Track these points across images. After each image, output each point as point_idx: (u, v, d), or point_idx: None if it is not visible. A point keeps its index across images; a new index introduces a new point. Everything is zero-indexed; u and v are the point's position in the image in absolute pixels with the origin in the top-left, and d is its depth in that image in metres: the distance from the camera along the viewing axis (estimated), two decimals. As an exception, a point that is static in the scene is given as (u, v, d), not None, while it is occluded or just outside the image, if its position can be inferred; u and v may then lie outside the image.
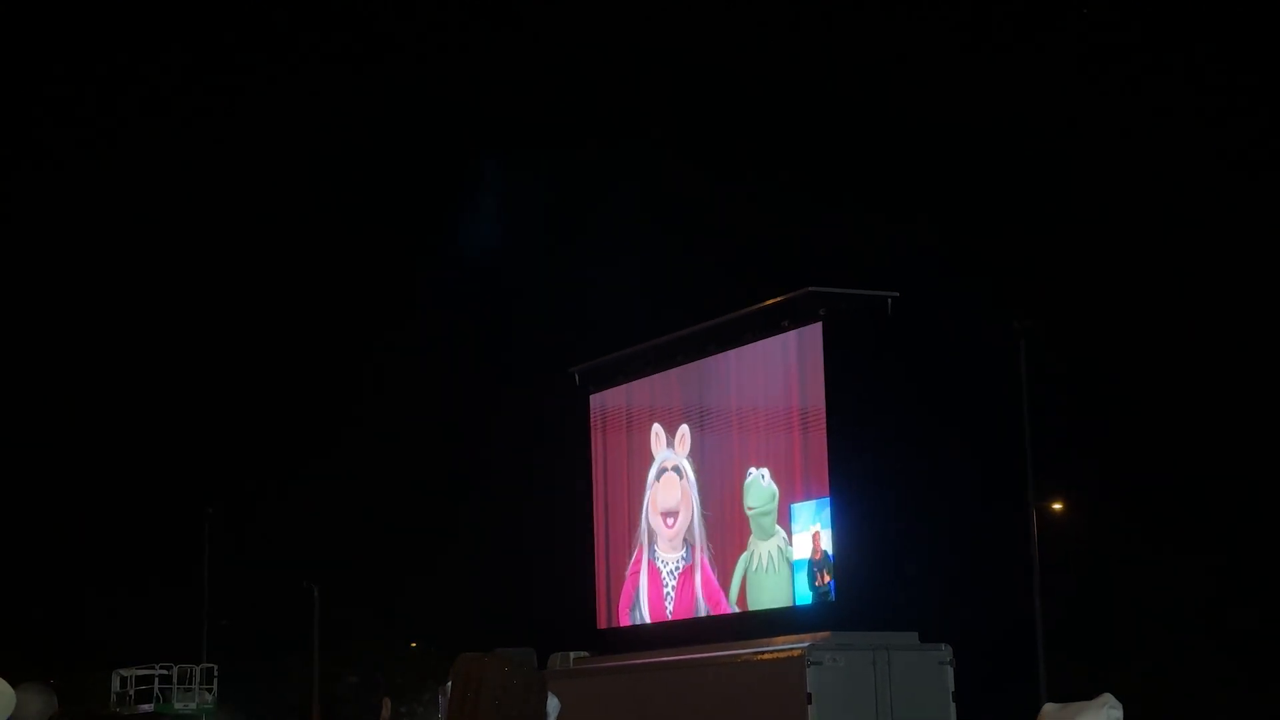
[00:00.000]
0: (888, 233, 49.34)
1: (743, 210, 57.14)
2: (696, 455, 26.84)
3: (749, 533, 25.44)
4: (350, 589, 59.90)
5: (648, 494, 27.97)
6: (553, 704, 5.12)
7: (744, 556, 25.50)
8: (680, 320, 28.42)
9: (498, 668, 4.81)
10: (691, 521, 26.82)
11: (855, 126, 58.75)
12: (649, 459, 28.00)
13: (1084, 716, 5.09)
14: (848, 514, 23.70)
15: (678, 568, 27.15)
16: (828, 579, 23.77)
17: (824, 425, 23.92)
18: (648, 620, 27.87)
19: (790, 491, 24.56)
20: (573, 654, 28.01)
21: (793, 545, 24.41)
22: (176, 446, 65.70)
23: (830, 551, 23.65)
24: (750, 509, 25.19)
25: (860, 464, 23.96)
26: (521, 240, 63.01)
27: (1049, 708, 5.21)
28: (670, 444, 27.42)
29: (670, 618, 27.27)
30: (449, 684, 6.60)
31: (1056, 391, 42.71)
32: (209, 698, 52.97)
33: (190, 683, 52.48)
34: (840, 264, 46.19)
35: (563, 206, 63.61)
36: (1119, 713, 5.12)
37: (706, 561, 26.39)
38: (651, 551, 27.79)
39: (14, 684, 6.91)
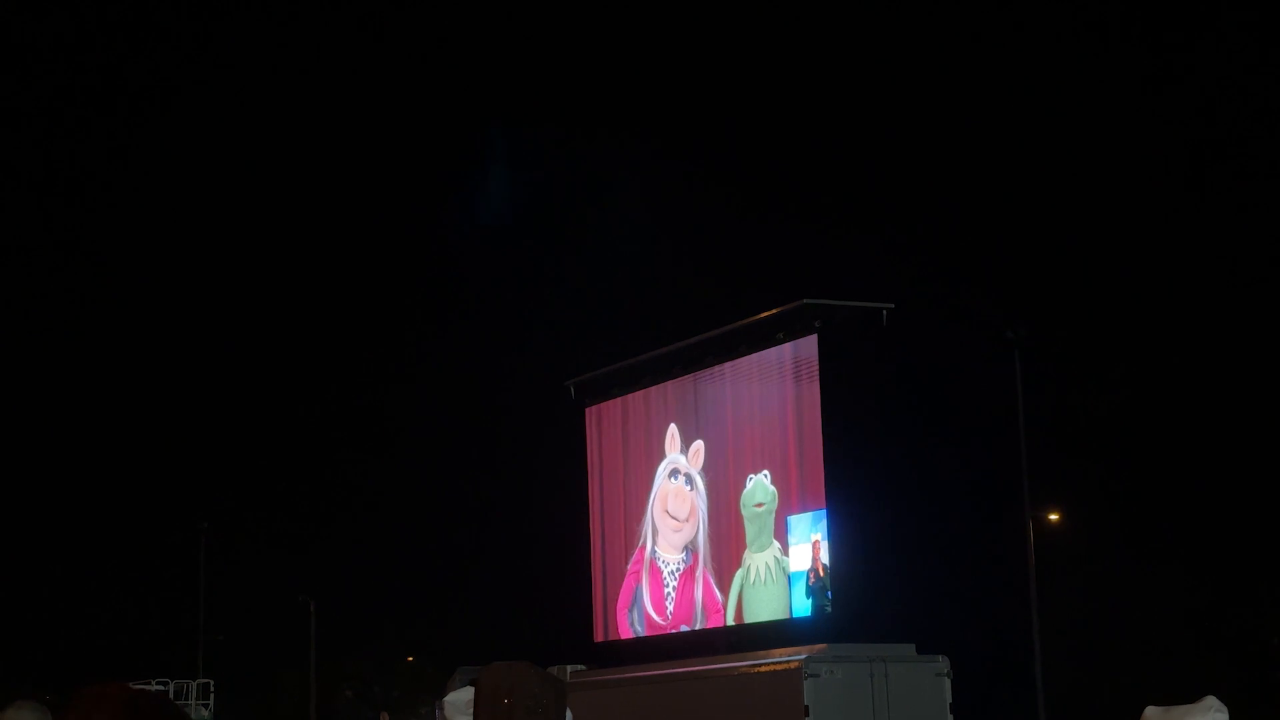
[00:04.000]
0: (883, 245, 49.38)
1: (738, 223, 57.20)
2: (707, 471, 26.80)
3: (744, 547, 25.41)
4: (346, 604, 59.86)
5: (655, 490, 27.86)
6: (569, 717, 5.18)
7: (739, 573, 25.48)
8: (675, 332, 28.43)
9: (528, 675, 4.88)
10: (697, 533, 26.81)
11: (851, 141, 58.84)
12: (651, 459, 27.90)
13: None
14: (844, 525, 23.69)
15: (679, 568, 27.13)
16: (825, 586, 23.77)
17: (820, 437, 23.91)
18: (650, 612, 27.82)
19: (786, 503, 24.54)
20: (569, 667, 27.96)
21: (789, 557, 24.39)
22: (171, 462, 65.65)
23: (827, 563, 23.64)
24: (758, 505, 25.10)
25: (856, 475, 23.95)
26: (517, 253, 63.04)
27: (1151, 711, 5.15)
28: (684, 451, 27.38)
29: (671, 617, 27.24)
30: (445, 698, 6.60)
31: (1052, 402, 42.74)
32: (206, 713, 52.82)
33: (187, 698, 52.31)
34: (835, 276, 46.24)
35: (558, 219, 63.65)
36: (1224, 715, 5.05)
37: (708, 572, 26.38)
38: (654, 550, 27.75)
39: (8, 701, 6.89)
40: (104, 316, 69.71)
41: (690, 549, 26.91)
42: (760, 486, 25.12)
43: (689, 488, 27.26)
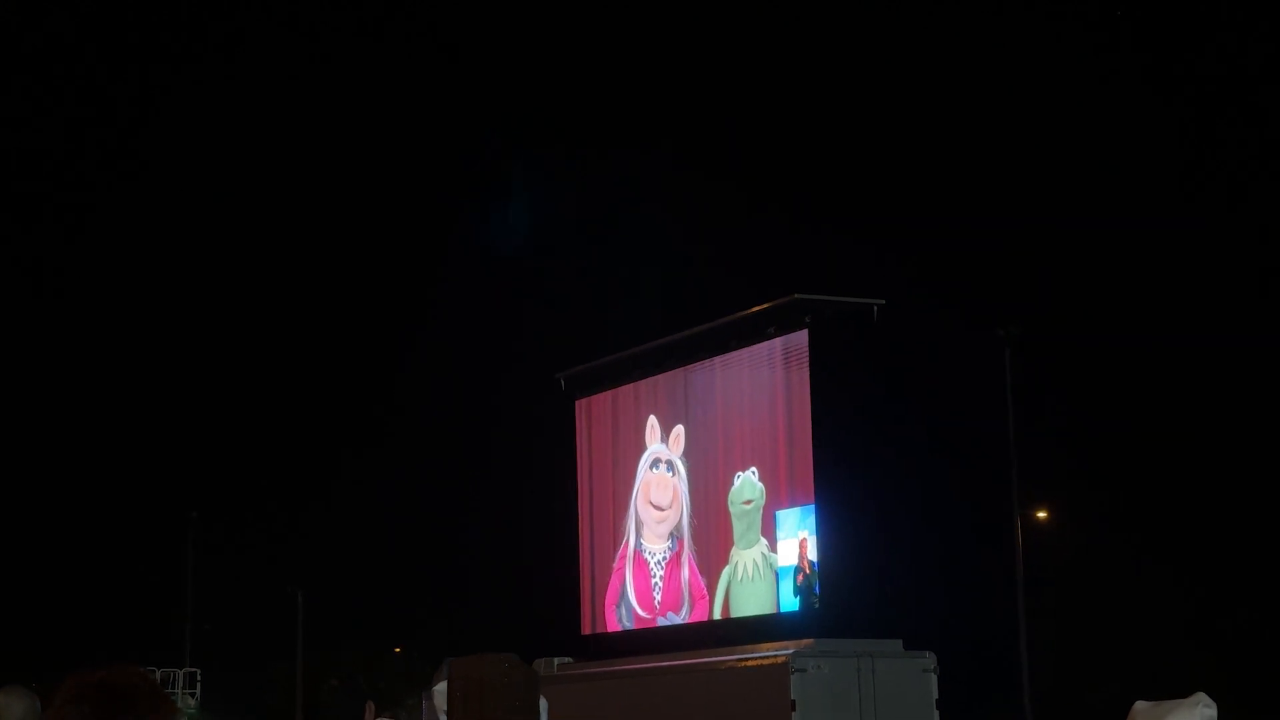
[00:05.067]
0: (874, 240, 49.40)
1: (729, 217, 57.19)
2: (689, 457, 26.85)
3: (731, 543, 25.43)
4: (334, 594, 59.83)
5: (639, 481, 27.90)
6: (542, 704, 5.19)
7: (726, 570, 25.51)
8: (666, 325, 28.43)
9: (498, 667, 4.90)
10: (681, 519, 26.82)
11: (842, 135, 58.82)
12: (639, 449, 27.93)
13: (1178, 715, 5.02)
14: (832, 521, 23.71)
15: (664, 557, 27.16)
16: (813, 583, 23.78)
17: (809, 432, 23.93)
18: (635, 608, 27.85)
19: (775, 498, 24.56)
20: (556, 659, 27.99)
21: (777, 552, 24.41)
22: (161, 449, 65.58)
23: (815, 559, 23.66)
24: (746, 503, 25.11)
25: (845, 471, 23.96)
26: (508, 247, 62.99)
27: (1140, 706, 5.15)
28: (664, 439, 27.40)
29: (659, 608, 27.27)
30: (434, 688, 6.60)
31: (1042, 399, 42.77)
32: (192, 702, 52.81)
33: (173, 687, 52.28)
34: (826, 271, 46.26)
35: (549, 214, 63.63)
36: (1213, 711, 5.05)
37: (693, 558, 26.39)
38: (638, 543, 27.78)
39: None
40: (93, 305, 69.66)
41: (675, 536, 26.95)
42: (748, 484, 25.15)
43: (670, 474, 27.30)
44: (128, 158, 75.38)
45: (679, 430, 27.13)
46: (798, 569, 23.98)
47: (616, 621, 28.34)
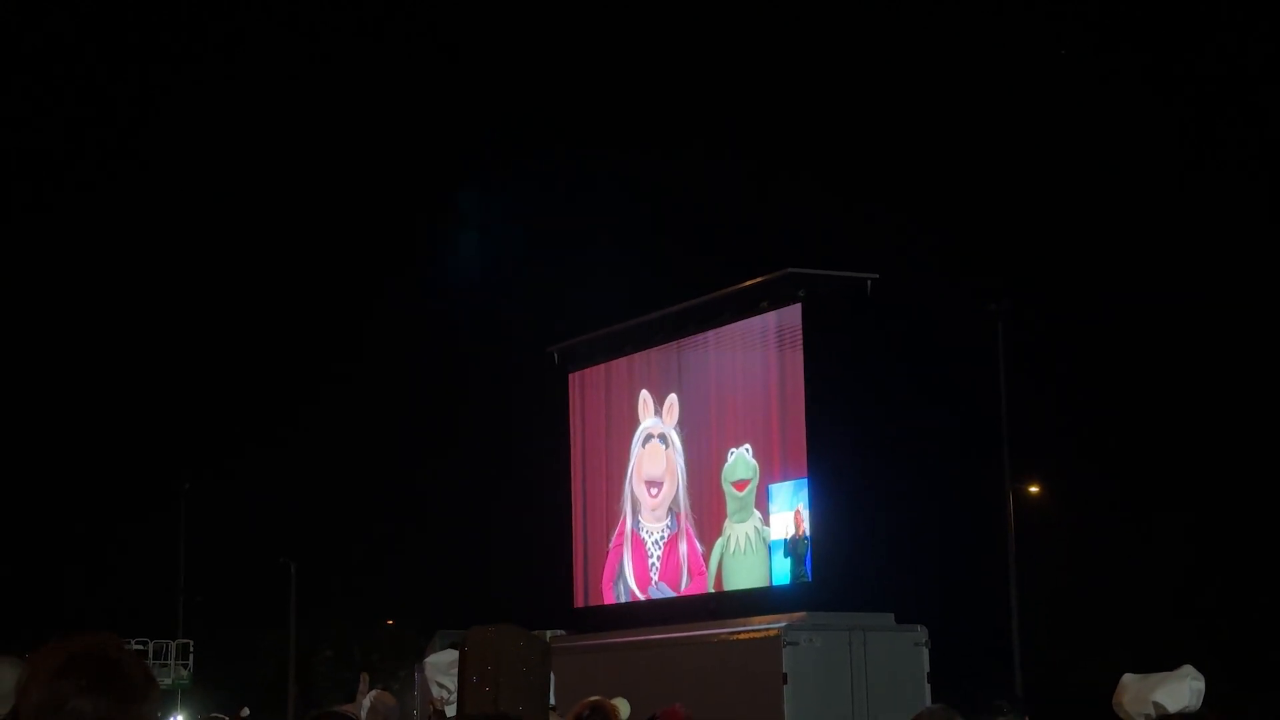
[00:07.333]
0: (867, 214, 49.37)
1: (722, 191, 57.18)
2: (684, 426, 26.81)
3: (724, 515, 25.45)
4: (327, 566, 59.89)
5: (632, 460, 27.90)
6: (551, 679, 5.24)
7: (719, 541, 25.53)
8: (659, 300, 28.42)
9: (515, 641, 4.94)
10: (677, 492, 26.81)
11: (836, 110, 58.82)
12: (633, 426, 27.91)
13: (1166, 687, 5.03)
14: (825, 495, 23.74)
15: (662, 537, 27.15)
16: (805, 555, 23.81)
17: (802, 406, 23.94)
18: (633, 588, 27.86)
19: (768, 472, 24.58)
20: (549, 632, 28.01)
21: (770, 526, 24.44)
22: (154, 420, 65.61)
23: (810, 533, 23.69)
24: (741, 480, 25.13)
25: (838, 445, 23.99)
26: (501, 220, 63.00)
27: (1128, 678, 5.15)
28: (658, 412, 27.38)
29: (655, 583, 27.28)
30: (427, 659, 6.62)
31: (1034, 374, 42.77)
32: (185, 673, 52.93)
33: (166, 658, 52.36)
34: (820, 245, 46.22)
35: (543, 188, 63.63)
36: (1200, 684, 5.05)
37: (691, 531, 26.39)
38: (635, 522, 27.76)
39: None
40: (86, 278, 69.62)
41: (673, 511, 26.93)
42: (742, 461, 25.15)
43: (664, 446, 27.27)
44: (128, 158, 75.41)
45: (672, 400, 27.10)
46: (791, 542, 24.01)
47: (614, 597, 28.36)
